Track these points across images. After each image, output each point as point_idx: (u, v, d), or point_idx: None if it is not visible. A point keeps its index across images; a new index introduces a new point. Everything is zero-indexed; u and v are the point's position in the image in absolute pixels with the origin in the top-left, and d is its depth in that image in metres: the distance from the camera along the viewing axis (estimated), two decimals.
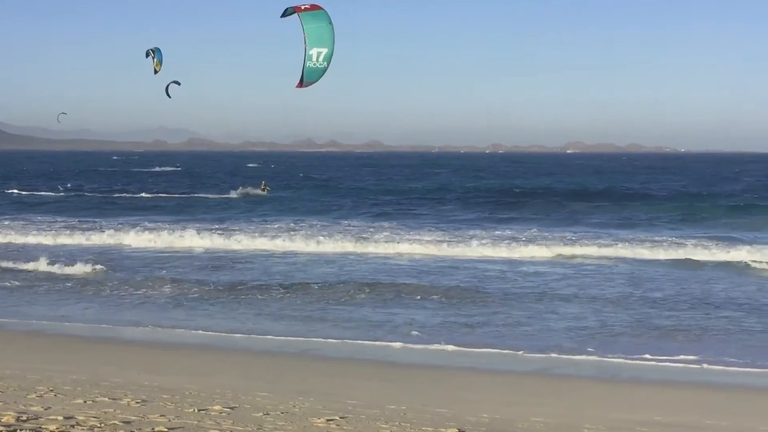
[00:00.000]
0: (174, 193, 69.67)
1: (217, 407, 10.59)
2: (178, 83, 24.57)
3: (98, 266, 27.84)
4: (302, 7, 11.52)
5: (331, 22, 11.35)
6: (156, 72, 22.66)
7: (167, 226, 40.49)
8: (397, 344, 17.63)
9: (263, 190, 65.94)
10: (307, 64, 11.39)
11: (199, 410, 10.30)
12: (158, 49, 22.67)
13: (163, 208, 55.28)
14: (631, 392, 14.24)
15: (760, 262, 28.87)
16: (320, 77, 11.60)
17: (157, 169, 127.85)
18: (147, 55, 22.69)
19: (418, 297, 22.94)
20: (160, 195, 67.64)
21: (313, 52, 11.35)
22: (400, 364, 16.14)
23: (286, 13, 11.53)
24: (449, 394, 13.55)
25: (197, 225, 41.27)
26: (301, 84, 11.67)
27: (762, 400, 13.84)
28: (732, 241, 34.14)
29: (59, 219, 45.12)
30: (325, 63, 11.47)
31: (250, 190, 65.96)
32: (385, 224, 42.80)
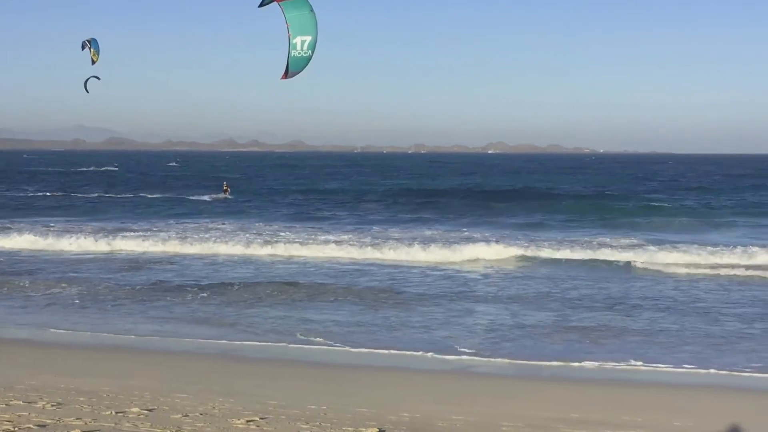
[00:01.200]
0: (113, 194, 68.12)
1: (135, 409, 10.48)
2: (97, 78, 24.23)
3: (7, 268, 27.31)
4: None
5: (312, 10, 11.14)
6: (94, 62, 22.40)
7: (81, 227, 39.92)
8: (317, 345, 17.63)
9: (225, 192, 64.56)
10: (292, 53, 11.11)
11: (116, 413, 10.18)
12: (94, 40, 22.42)
13: (78, 208, 54.23)
14: (549, 391, 14.42)
15: (677, 264, 29.43)
16: (305, 66, 11.36)
17: (93, 168, 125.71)
18: (83, 47, 22.40)
19: (332, 299, 22.91)
20: (75, 195, 66.35)
21: (297, 40, 11.09)
22: (321, 364, 16.12)
23: (263, 3, 11.28)
24: (370, 393, 13.58)
25: (114, 225, 40.86)
26: (286, 75, 11.38)
27: (676, 396, 14.13)
28: (652, 242, 34.74)
29: None
30: (310, 51, 11.20)
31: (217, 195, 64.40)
32: (302, 225, 42.68)
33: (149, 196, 65.32)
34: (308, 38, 11.11)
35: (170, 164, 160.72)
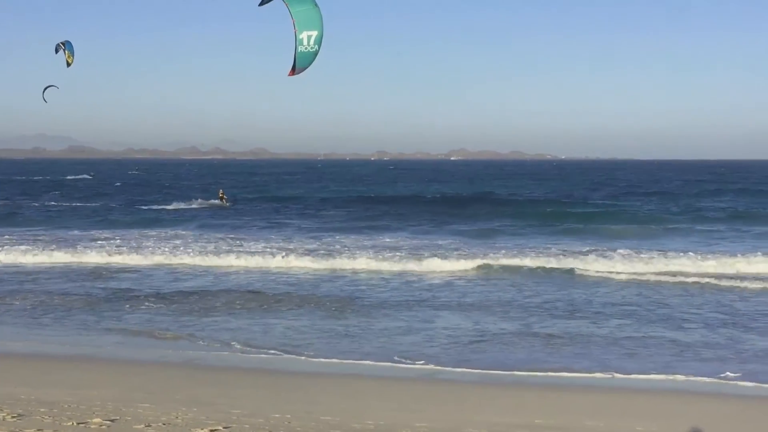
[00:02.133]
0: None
1: (96, 420, 10.41)
2: (56, 87, 24.12)
3: None
4: None
5: (316, 4, 11.01)
6: (69, 65, 22.28)
7: (38, 237, 39.60)
8: (279, 354, 17.58)
9: (221, 199, 63.15)
10: (299, 48, 10.93)
11: (78, 423, 10.11)
12: (68, 42, 22.31)
13: (37, 217, 53.62)
14: (513, 397, 14.46)
15: (638, 272, 29.64)
16: (312, 62, 11.21)
17: (70, 177, 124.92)
18: (57, 50, 22.27)
19: (293, 307, 22.80)
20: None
21: (303, 35, 10.92)
22: (284, 372, 16.08)
23: (264, 2, 11.12)
24: (334, 401, 13.57)
25: (72, 235, 40.59)
26: (293, 71, 11.23)
27: (638, 402, 14.24)
28: (613, 248, 34.91)
29: None
30: (317, 46, 11.02)
31: (211, 202, 62.91)
32: (262, 233, 42.48)
33: (111, 204, 64.83)
34: (314, 33, 10.97)
35: (130, 172, 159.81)
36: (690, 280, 27.48)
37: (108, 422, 10.30)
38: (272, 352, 17.70)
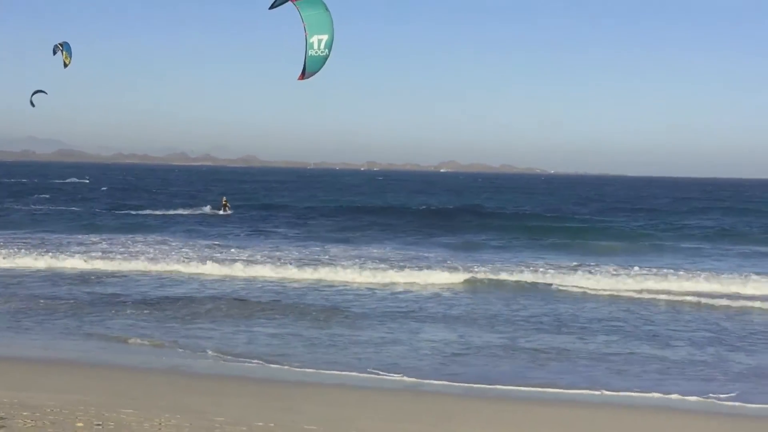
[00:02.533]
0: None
1: (80, 425, 10.38)
2: (44, 92, 24.11)
3: None
4: None
5: (327, 9, 10.96)
6: (66, 65, 22.33)
7: (24, 241, 39.44)
8: (264, 363, 17.54)
9: (224, 207, 62.27)
10: (309, 52, 10.87)
11: (61, 428, 10.07)
12: (66, 43, 22.37)
13: (23, 220, 53.49)
14: (497, 411, 14.42)
15: (625, 289, 29.72)
16: (322, 66, 11.13)
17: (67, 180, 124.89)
18: (54, 52, 22.31)
19: (279, 316, 22.73)
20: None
21: (314, 39, 10.87)
22: (268, 381, 16.04)
23: (275, 4, 11.04)
24: (318, 410, 13.54)
25: (57, 237, 40.42)
26: (303, 75, 11.14)
27: (625, 417, 14.24)
28: (599, 264, 34.95)
29: None
30: (327, 50, 10.96)
31: (204, 210, 62.20)
32: (249, 242, 42.40)
33: (98, 209, 64.65)
34: (325, 37, 10.94)
35: (119, 177, 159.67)
36: (676, 297, 27.51)
37: (92, 427, 10.27)
38: (256, 361, 17.66)
